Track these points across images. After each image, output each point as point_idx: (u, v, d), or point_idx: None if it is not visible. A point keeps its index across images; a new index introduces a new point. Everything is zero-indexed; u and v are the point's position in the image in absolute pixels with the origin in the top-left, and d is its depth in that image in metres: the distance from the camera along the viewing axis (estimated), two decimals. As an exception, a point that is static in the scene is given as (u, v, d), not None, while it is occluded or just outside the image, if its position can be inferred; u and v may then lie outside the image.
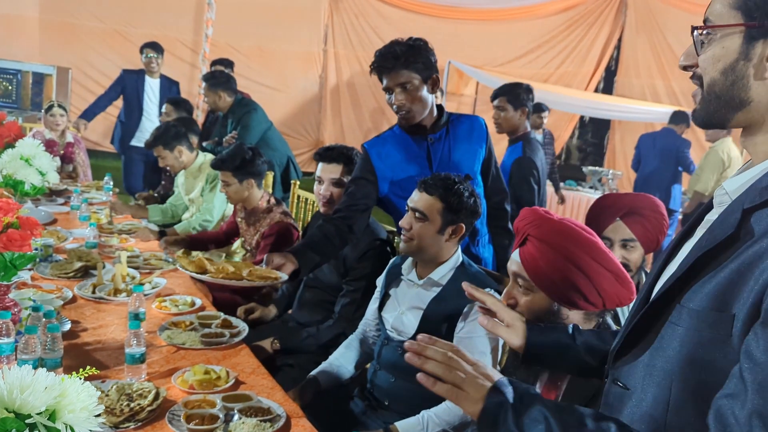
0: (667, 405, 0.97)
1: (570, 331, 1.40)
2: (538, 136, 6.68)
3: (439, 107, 2.53)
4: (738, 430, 0.82)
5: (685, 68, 1.03)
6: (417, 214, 2.10)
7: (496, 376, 1.07)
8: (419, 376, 1.09)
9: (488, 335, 2.00)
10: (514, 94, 3.80)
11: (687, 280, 0.96)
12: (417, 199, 2.12)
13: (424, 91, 2.40)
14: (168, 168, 4.27)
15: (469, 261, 2.19)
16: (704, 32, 0.98)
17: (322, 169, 2.75)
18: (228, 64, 6.11)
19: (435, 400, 1.99)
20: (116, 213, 3.97)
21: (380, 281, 2.32)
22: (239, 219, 3.42)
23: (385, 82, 2.41)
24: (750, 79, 0.94)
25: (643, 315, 1.03)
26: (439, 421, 1.91)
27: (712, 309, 0.91)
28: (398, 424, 1.91)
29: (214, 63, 6.24)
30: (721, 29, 0.96)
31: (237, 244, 3.73)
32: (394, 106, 2.41)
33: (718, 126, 1.02)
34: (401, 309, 2.16)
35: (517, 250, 1.59)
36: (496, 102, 3.86)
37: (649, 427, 1.01)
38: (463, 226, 2.11)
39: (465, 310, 2.02)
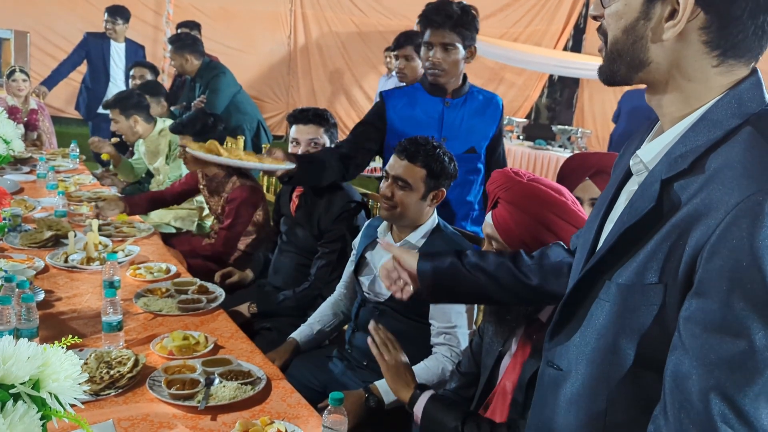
0: (606, 382, 0.97)
1: (457, 254, 1.44)
2: None
3: (464, 76, 2.55)
4: (696, 407, 0.83)
5: (595, 18, 1.02)
6: (400, 183, 2.08)
7: None
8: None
9: None
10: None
11: (614, 256, 0.96)
12: (398, 166, 2.10)
13: (461, 57, 2.45)
14: (119, 133, 4.18)
15: (445, 223, 2.21)
16: None
17: (297, 131, 2.71)
18: (194, 26, 5.96)
19: (411, 359, 2.02)
20: (99, 149, 4.01)
21: (356, 244, 2.34)
22: (201, 186, 3.39)
23: (428, 35, 2.42)
24: (648, 41, 0.93)
25: (572, 293, 1.03)
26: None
27: (640, 281, 0.91)
28: (378, 383, 1.95)
29: (179, 26, 6.08)
30: None
31: (196, 202, 3.73)
32: (428, 62, 2.44)
33: (622, 84, 1.01)
34: (377, 272, 2.18)
35: (490, 213, 1.62)
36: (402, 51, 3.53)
37: (588, 407, 1.01)
38: (444, 191, 2.13)
39: None
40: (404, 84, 3.39)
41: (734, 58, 0.90)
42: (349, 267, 2.35)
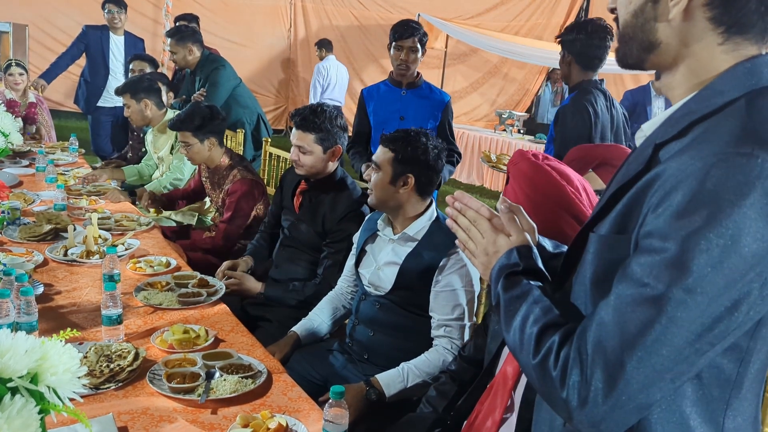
0: None
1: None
2: None
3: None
4: (590, 321, 0.90)
5: (612, 11, 1.05)
6: (373, 166, 2.15)
7: (507, 245, 1.14)
8: (448, 222, 1.24)
9: (465, 287, 2.02)
10: None
11: (601, 213, 1.00)
12: (376, 152, 2.17)
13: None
14: (130, 119, 4.15)
15: (445, 215, 2.20)
16: None
17: (293, 133, 2.68)
18: (192, 19, 5.90)
19: (412, 352, 2.02)
20: (97, 177, 3.88)
21: (356, 238, 2.33)
22: (204, 179, 3.37)
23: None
24: (656, 22, 0.96)
25: (571, 246, 1.09)
26: (419, 373, 1.95)
27: (612, 232, 0.95)
28: (379, 377, 1.94)
29: (177, 18, 6.03)
30: None
31: (208, 203, 3.70)
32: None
33: (637, 67, 1.03)
34: (378, 265, 2.17)
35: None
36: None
37: None
38: (412, 176, 2.10)
39: (441, 263, 2.04)
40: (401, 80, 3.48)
41: (739, 34, 0.92)
42: (350, 260, 2.34)
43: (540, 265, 1.13)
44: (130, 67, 5.13)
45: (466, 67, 10.79)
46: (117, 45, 5.69)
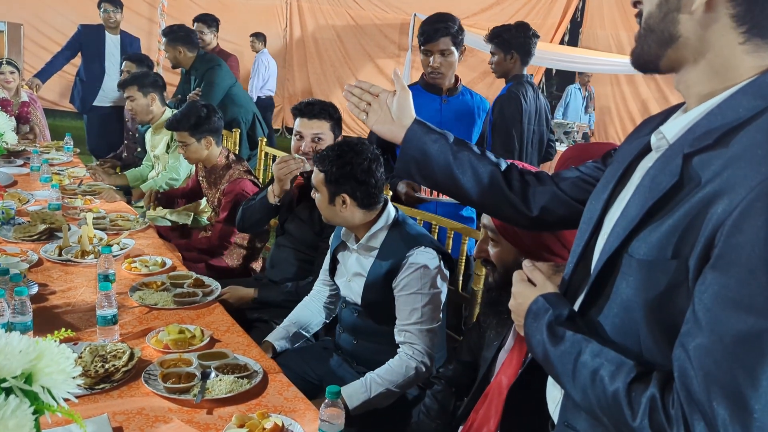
0: (638, 356, 0.96)
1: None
2: None
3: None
4: (687, 365, 0.85)
5: (635, 4, 1.04)
6: (313, 186, 2.12)
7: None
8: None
9: (420, 291, 1.97)
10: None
11: (634, 231, 0.96)
12: (313, 173, 2.12)
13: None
14: (131, 113, 4.12)
15: (405, 218, 2.14)
16: None
17: (302, 125, 2.62)
18: (213, 21, 5.67)
19: (388, 357, 1.98)
20: (96, 180, 3.86)
21: (331, 244, 2.31)
22: (200, 178, 3.36)
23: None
24: (678, 13, 0.95)
25: (601, 271, 1.02)
26: (382, 382, 1.90)
27: (662, 257, 0.91)
28: (342, 389, 1.89)
29: (196, 20, 5.82)
30: None
31: (204, 203, 3.70)
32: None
33: (651, 65, 1.02)
34: (348, 275, 2.14)
35: None
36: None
37: None
38: (346, 196, 2.04)
39: (398, 268, 1.99)
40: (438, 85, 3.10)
41: (759, 37, 0.92)
42: (325, 265, 2.32)
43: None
44: (122, 67, 5.10)
45: (462, 67, 10.70)
46: (113, 44, 5.66)
